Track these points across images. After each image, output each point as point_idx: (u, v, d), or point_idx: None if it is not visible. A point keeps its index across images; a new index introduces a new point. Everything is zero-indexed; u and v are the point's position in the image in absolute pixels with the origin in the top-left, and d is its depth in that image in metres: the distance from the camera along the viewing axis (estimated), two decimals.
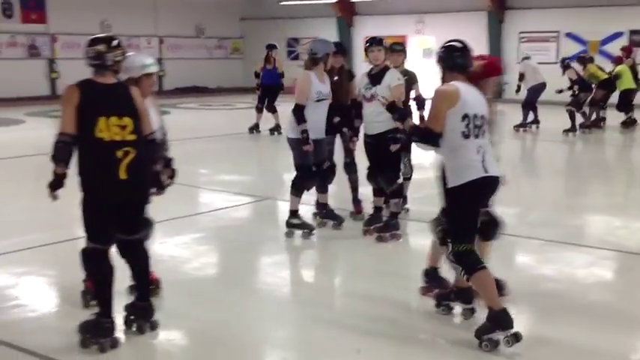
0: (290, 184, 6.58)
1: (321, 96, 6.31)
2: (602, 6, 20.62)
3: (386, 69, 6.29)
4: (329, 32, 24.14)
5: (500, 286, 4.49)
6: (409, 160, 7.17)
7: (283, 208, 7.11)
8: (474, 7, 22.39)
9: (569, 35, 21.55)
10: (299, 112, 6.24)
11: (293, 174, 6.55)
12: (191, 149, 11.66)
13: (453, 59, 4.36)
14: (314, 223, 6.74)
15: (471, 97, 4.22)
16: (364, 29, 24.94)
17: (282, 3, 24.41)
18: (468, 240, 4.21)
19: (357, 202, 7.25)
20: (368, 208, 6.95)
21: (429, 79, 16.95)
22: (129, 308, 4.36)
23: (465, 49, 4.39)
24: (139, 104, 4.21)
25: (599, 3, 20.62)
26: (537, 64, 15.97)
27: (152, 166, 4.41)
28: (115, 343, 4.11)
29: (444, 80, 4.37)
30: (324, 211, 6.88)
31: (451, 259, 4.25)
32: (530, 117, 14.94)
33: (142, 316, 4.33)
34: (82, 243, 4.22)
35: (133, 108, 4.17)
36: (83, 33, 22.93)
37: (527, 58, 15.50)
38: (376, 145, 6.32)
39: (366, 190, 7.04)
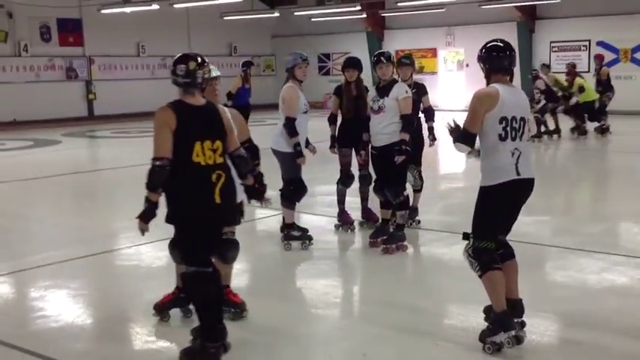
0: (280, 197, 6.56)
1: (306, 108, 6.53)
2: (633, 13, 20.42)
3: (394, 82, 6.39)
4: (360, 47, 24.34)
5: (519, 308, 4.38)
6: (419, 172, 7.25)
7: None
8: (504, 18, 22.34)
9: (600, 44, 21.36)
10: (291, 126, 6.32)
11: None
12: None
13: (496, 60, 4.30)
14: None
15: (510, 99, 4.21)
16: (395, 43, 25.07)
17: (313, 19, 24.67)
18: (489, 238, 4.25)
19: (367, 210, 7.33)
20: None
21: (461, 89, 16.79)
22: (197, 331, 4.18)
23: (507, 49, 4.31)
24: (227, 124, 4.17)
25: (630, 10, 20.41)
26: None
27: (244, 180, 4.34)
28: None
29: (488, 81, 4.32)
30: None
31: (469, 253, 4.27)
32: None
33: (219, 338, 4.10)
34: (111, 256, 4.33)
35: (223, 130, 4.11)
36: (119, 55, 23.72)
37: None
38: (382, 157, 6.39)
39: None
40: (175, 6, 20.57)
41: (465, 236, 4.35)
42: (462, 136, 4.23)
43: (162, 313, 4.81)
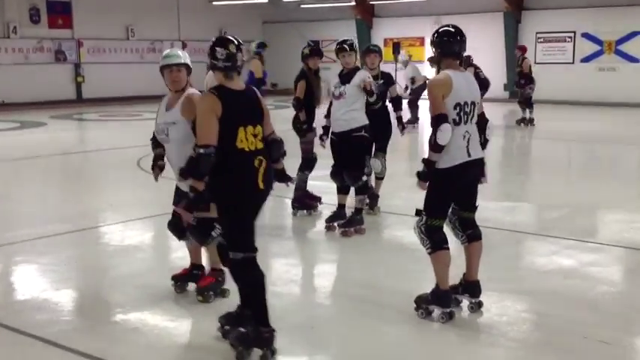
0: None
1: None
2: (618, 6, 20.65)
3: (356, 69, 6.47)
4: (349, 34, 24.27)
5: (476, 289, 4.66)
6: (383, 160, 7.19)
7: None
8: (491, 8, 22.54)
9: (585, 35, 21.58)
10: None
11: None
12: None
13: (447, 45, 4.44)
14: None
15: (462, 84, 4.39)
16: (383, 31, 25.24)
17: (302, 6, 24.79)
18: (441, 216, 4.49)
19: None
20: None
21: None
22: (226, 318, 4.20)
23: (458, 35, 4.44)
24: (265, 108, 4.08)
25: (615, 3, 20.64)
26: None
27: (275, 164, 4.19)
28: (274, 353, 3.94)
29: (438, 65, 4.48)
30: None
31: (422, 229, 4.47)
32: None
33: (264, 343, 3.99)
34: (87, 233, 4.47)
35: (262, 115, 4.03)
36: (108, 38, 23.79)
37: (407, 61, 17.19)
38: (341, 142, 6.52)
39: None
40: None
41: (418, 212, 4.54)
42: (434, 121, 4.35)
43: (180, 285, 5.03)
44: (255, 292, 3.95)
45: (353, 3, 24.03)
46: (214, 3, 23.69)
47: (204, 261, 5.10)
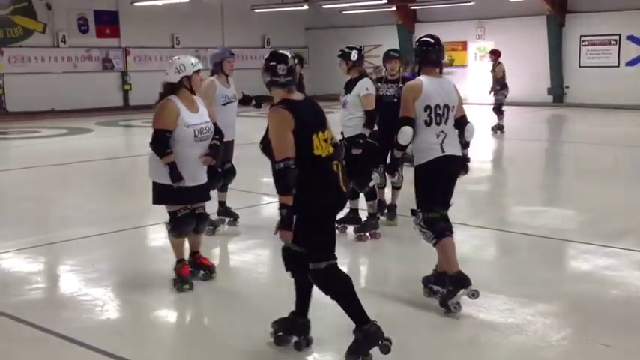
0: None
1: (227, 99, 6.83)
2: None
3: (360, 78, 6.51)
4: (390, 40, 24.49)
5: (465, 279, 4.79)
6: (401, 170, 7.07)
7: None
8: (534, 11, 22.29)
9: (630, 38, 21.18)
10: None
11: None
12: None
13: (425, 53, 4.89)
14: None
15: (434, 89, 4.80)
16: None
17: (344, 12, 24.93)
18: (436, 208, 4.81)
19: None
20: None
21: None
22: (284, 324, 4.27)
23: (437, 45, 4.90)
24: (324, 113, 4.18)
25: None
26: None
27: None
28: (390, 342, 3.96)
29: (419, 72, 4.94)
30: (221, 208, 7.19)
31: (422, 225, 4.81)
32: None
33: (301, 332, 4.22)
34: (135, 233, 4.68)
35: (326, 120, 4.10)
36: (154, 46, 24.32)
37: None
38: (345, 148, 6.44)
39: None
40: None
41: (413, 212, 4.92)
42: (400, 121, 4.83)
43: (185, 282, 5.31)
44: (345, 296, 3.94)
45: (394, 8, 24.05)
46: (256, 10, 24.00)
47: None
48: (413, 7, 24.49)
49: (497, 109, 15.27)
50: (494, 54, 15.63)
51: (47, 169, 11.72)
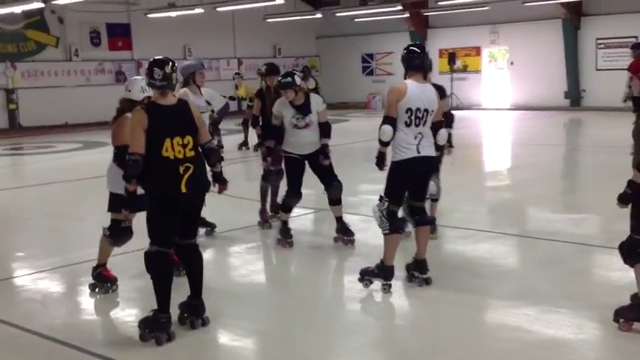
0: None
1: (200, 109, 6.73)
2: None
3: (307, 97, 6.68)
4: (403, 46, 24.22)
5: (424, 266, 5.50)
6: (437, 181, 6.90)
7: (356, 219, 7.52)
8: (549, 15, 22.11)
9: None
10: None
11: (371, 186, 6.68)
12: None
13: (411, 60, 5.36)
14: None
15: (416, 93, 5.24)
16: (438, 42, 25.05)
17: (356, 20, 24.80)
18: (397, 202, 5.37)
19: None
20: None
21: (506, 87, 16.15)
22: (183, 306, 4.80)
23: (421, 52, 5.39)
24: (198, 119, 4.64)
25: None
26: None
27: (213, 168, 4.86)
28: (170, 337, 4.55)
29: (405, 77, 5.39)
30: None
31: (383, 212, 5.33)
32: None
33: (195, 313, 4.76)
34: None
35: (194, 126, 4.57)
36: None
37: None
38: (314, 161, 6.74)
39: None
40: (219, 9, 20.93)
41: (380, 198, 5.42)
42: (383, 119, 5.27)
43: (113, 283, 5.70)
44: (159, 284, 4.57)
45: (407, 15, 23.90)
46: (268, 20, 23.89)
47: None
48: (425, 14, 24.32)
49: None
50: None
51: (66, 185, 11.58)
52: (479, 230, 7.27)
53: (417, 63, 5.33)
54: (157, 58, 4.62)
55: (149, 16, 21.22)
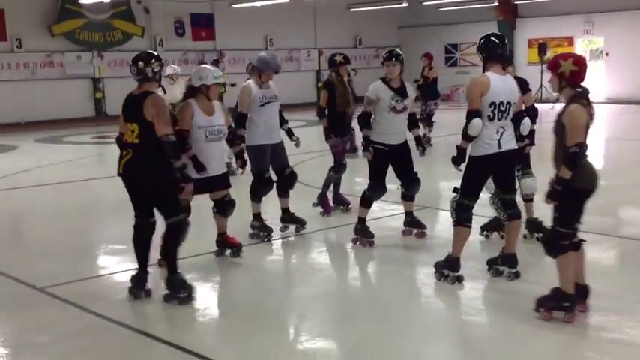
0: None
1: (265, 100, 6.67)
2: None
3: (402, 80, 6.41)
4: None
5: (514, 260, 5.41)
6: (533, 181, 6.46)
7: (442, 217, 7.19)
8: None
9: None
10: (237, 119, 6.66)
11: (451, 183, 6.30)
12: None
13: (492, 50, 5.22)
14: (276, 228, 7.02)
15: (499, 86, 5.14)
16: (527, 32, 24.11)
17: (441, 9, 24.08)
18: (471, 197, 5.31)
19: (340, 196, 7.97)
20: None
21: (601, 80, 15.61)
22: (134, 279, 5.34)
23: (501, 42, 5.25)
24: (149, 112, 4.89)
25: None
26: None
27: (171, 162, 5.02)
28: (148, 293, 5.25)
29: (484, 68, 5.26)
30: (285, 215, 7.07)
31: (453, 205, 5.37)
32: None
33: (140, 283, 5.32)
34: None
35: (141, 117, 4.92)
36: (248, 48, 24.08)
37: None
38: (403, 153, 6.48)
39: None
40: None
41: (455, 190, 5.42)
42: (468, 114, 5.13)
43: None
44: (135, 244, 5.28)
45: (495, 4, 23.04)
46: (352, 10, 23.45)
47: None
48: (515, 2, 23.40)
49: (428, 120, 13.14)
50: (427, 57, 13.71)
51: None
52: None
53: (497, 53, 5.23)
54: (136, 54, 5.15)
55: (234, 6, 21.09)
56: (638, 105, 20.66)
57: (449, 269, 5.38)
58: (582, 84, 4.49)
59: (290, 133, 7.22)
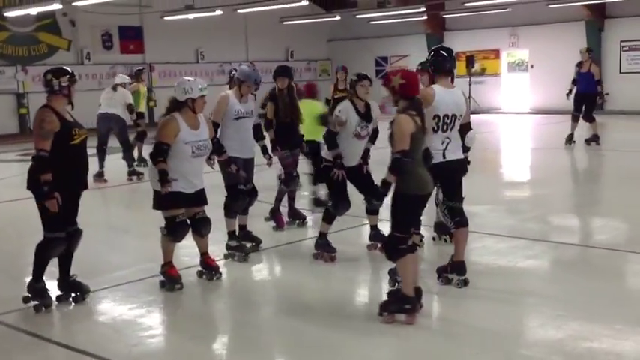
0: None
1: (240, 114, 6.54)
2: None
3: (367, 103, 6.30)
4: (418, 49, 23.88)
5: (462, 268, 5.50)
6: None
7: None
8: (572, 17, 21.69)
9: None
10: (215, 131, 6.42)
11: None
12: None
13: (441, 64, 5.40)
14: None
15: (445, 99, 5.29)
16: (454, 45, 24.45)
17: (372, 22, 24.32)
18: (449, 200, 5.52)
19: (294, 209, 7.92)
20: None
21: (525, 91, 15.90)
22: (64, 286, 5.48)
23: (449, 56, 5.42)
24: (35, 125, 5.16)
25: None
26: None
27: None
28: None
29: (432, 80, 5.49)
30: (241, 232, 6.87)
31: (445, 213, 5.54)
32: None
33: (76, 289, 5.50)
34: None
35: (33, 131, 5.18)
36: (178, 62, 23.69)
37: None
38: (359, 172, 6.49)
39: None
40: (239, 11, 20.44)
41: (437, 202, 5.89)
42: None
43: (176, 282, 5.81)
44: (38, 257, 5.30)
45: (424, 17, 23.43)
46: (284, 23, 23.40)
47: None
48: (444, 16, 23.86)
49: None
50: (344, 70, 13.08)
51: (116, 189, 11.11)
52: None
53: (446, 67, 5.37)
54: (50, 68, 5.38)
55: (165, 18, 20.67)
56: (562, 115, 21.28)
57: (456, 273, 5.49)
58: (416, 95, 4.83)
59: (265, 151, 7.11)
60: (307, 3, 18.57)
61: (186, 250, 6.38)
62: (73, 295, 5.51)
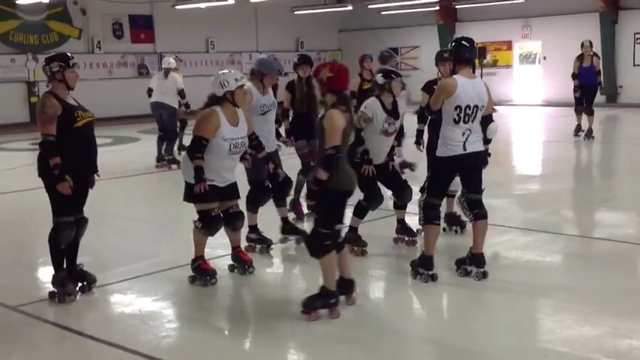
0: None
1: (265, 108, 6.43)
2: None
3: (395, 99, 6.10)
4: (430, 40, 23.76)
5: (482, 260, 5.47)
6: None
7: None
8: (585, 8, 21.50)
9: None
10: None
11: None
12: None
13: (461, 53, 5.35)
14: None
15: (466, 90, 5.24)
16: (466, 35, 24.39)
17: (382, 13, 24.15)
18: (437, 196, 5.51)
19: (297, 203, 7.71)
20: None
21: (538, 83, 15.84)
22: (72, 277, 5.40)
23: (471, 46, 5.39)
24: (38, 111, 5.17)
25: None
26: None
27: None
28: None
29: (453, 71, 5.43)
30: (287, 226, 6.80)
31: (421, 204, 5.57)
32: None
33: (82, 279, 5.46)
34: None
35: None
36: (188, 51, 23.56)
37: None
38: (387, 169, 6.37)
39: None
40: (251, 1, 20.34)
41: (421, 189, 5.82)
42: (428, 110, 5.63)
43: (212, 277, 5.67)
44: (53, 249, 5.26)
45: (436, 8, 23.26)
46: (295, 13, 23.26)
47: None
48: (456, 6, 23.67)
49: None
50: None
51: (113, 182, 11.00)
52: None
53: (466, 56, 5.35)
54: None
55: (176, 7, 20.56)
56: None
57: (423, 268, 5.44)
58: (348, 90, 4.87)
59: (278, 135, 7.09)
60: None
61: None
62: (80, 284, 5.44)
